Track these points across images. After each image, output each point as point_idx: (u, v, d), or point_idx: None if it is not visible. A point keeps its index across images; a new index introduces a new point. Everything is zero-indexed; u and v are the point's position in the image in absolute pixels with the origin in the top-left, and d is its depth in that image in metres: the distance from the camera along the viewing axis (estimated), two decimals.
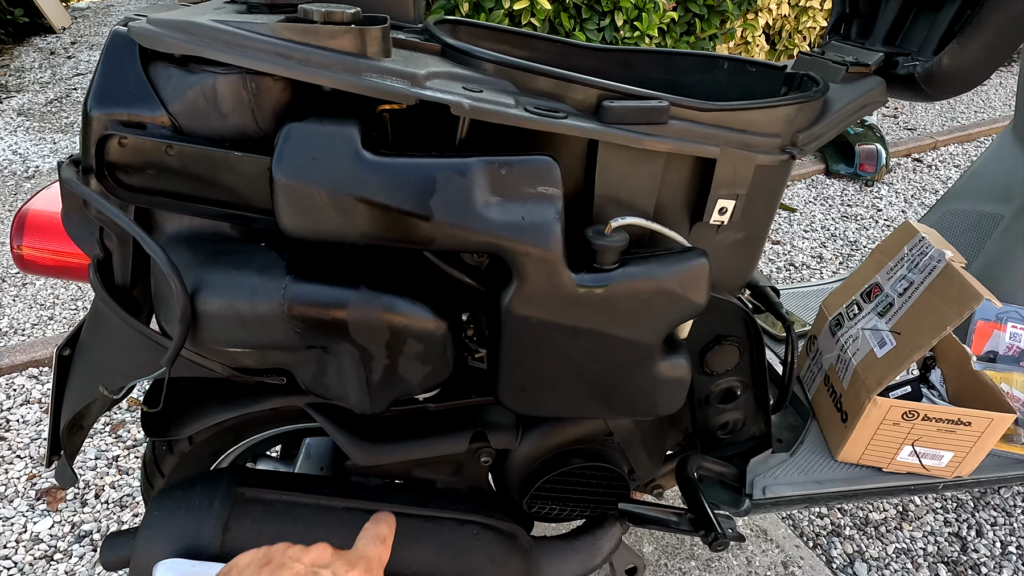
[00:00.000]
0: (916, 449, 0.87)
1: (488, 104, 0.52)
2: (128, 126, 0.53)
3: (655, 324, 0.61)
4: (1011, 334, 1.02)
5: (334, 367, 0.61)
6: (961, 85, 0.72)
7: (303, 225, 0.52)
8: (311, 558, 0.43)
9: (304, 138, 0.51)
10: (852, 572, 1.26)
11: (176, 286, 0.53)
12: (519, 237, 0.53)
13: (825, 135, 0.69)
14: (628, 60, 0.87)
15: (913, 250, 0.87)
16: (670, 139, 0.57)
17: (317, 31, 0.50)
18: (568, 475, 0.85)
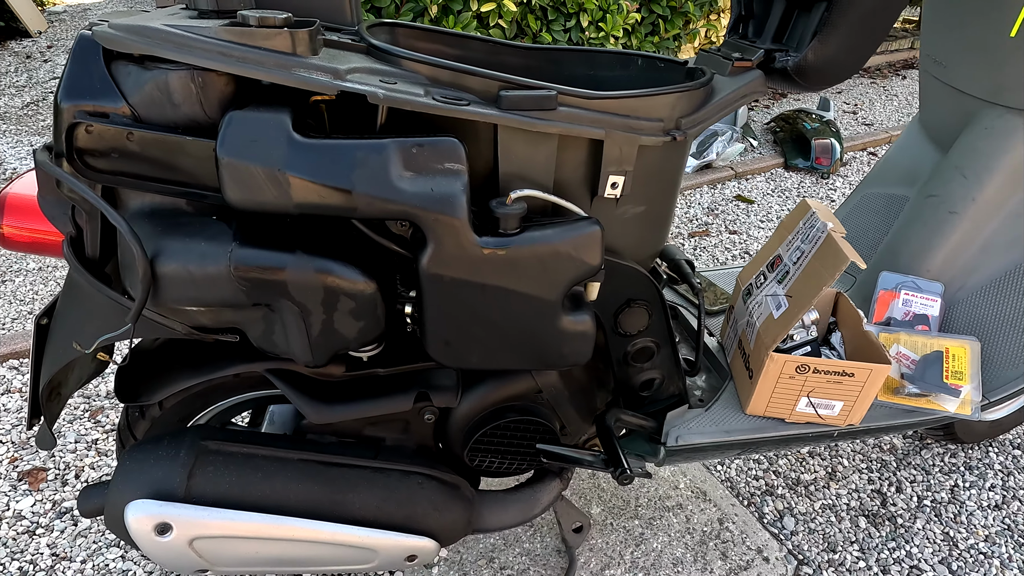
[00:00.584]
0: (811, 400, 0.98)
1: (400, 94, 0.62)
2: (93, 115, 0.62)
3: (554, 282, 0.71)
4: (903, 300, 1.14)
5: (279, 324, 0.71)
6: (828, 78, 0.83)
7: (245, 198, 0.62)
8: None
9: (244, 124, 0.60)
10: (781, 526, 1.37)
11: (137, 252, 0.62)
12: (429, 206, 0.63)
13: (708, 120, 0.80)
14: (555, 58, 0.97)
15: (805, 224, 0.99)
16: (559, 123, 0.67)
17: (253, 33, 0.60)
18: (503, 428, 0.96)
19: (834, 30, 0.78)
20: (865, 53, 0.81)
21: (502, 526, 1.01)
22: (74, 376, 0.91)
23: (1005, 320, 1.09)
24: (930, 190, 1.18)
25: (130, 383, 0.90)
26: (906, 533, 1.36)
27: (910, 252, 1.19)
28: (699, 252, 2.50)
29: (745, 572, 1.27)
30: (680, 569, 1.28)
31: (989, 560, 1.31)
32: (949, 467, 1.53)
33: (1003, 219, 1.10)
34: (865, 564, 1.30)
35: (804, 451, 1.57)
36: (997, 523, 1.39)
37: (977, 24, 1.03)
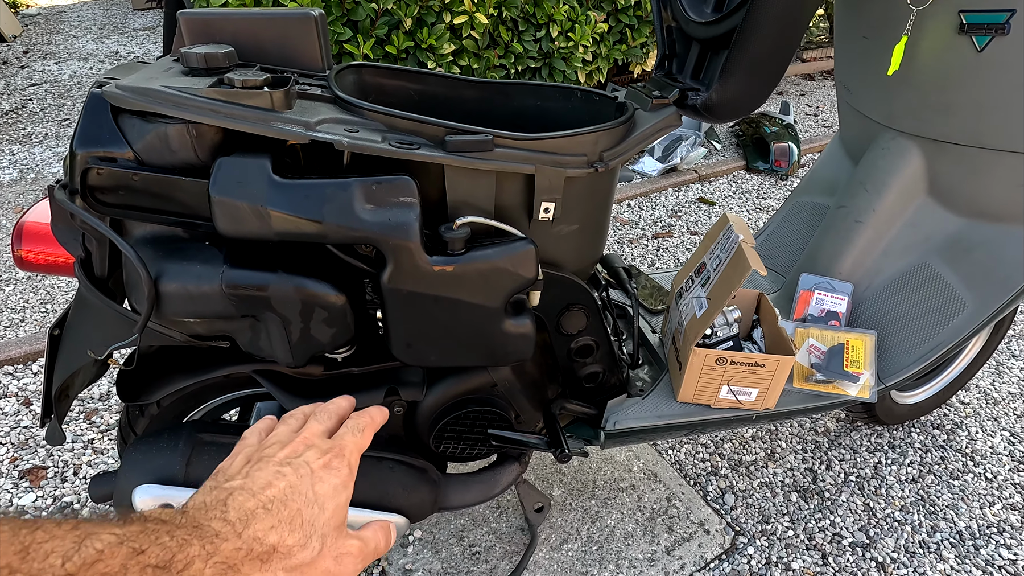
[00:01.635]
0: (731, 388, 1.14)
1: (361, 141, 0.75)
2: (103, 160, 0.75)
3: (496, 292, 0.85)
4: (817, 299, 1.29)
5: (264, 332, 0.83)
6: (731, 114, 0.98)
7: (233, 229, 0.74)
8: (286, 452, 0.43)
9: (231, 168, 0.73)
10: (723, 502, 1.53)
11: (143, 274, 0.75)
12: (387, 233, 0.76)
13: (629, 152, 0.94)
14: (507, 91, 1.10)
15: (724, 235, 1.14)
16: (496, 161, 0.81)
17: (238, 93, 0.73)
18: (463, 418, 1.09)
19: (731, 75, 0.92)
20: (760, 95, 0.96)
21: (465, 504, 1.15)
22: (79, 379, 1.03)
23: (901, 315, 1.25)
24: (841, 201, 1.34)
25: (130, 384, 1.02)
26: (831, 505, 1.53)
27: (825, 256, 1.35)
28: (662, 253, 2.66)
29: (688, 543, 1.43)
30: (631, 542, 1.43)
31: (902, 527, 1.48)
32: (875, 446, 1.70)
33: (900, 227, 1.26)
34: (794, 533, 1.46)
35: (747, 435, 1.73)
36: (912, 495, 1.56)
37: (867, 61, 1.19)
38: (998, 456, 1.67)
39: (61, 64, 4.65)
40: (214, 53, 0.78)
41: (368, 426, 0.48)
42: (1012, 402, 1.84)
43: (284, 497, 0.39)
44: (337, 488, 0.42)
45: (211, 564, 0.33)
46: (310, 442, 0.45)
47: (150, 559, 0.30)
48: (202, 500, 0.38)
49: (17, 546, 0.28)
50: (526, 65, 3.27)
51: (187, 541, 0.33)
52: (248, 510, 0.37)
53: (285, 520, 0.38)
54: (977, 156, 1.11)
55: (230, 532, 0.35)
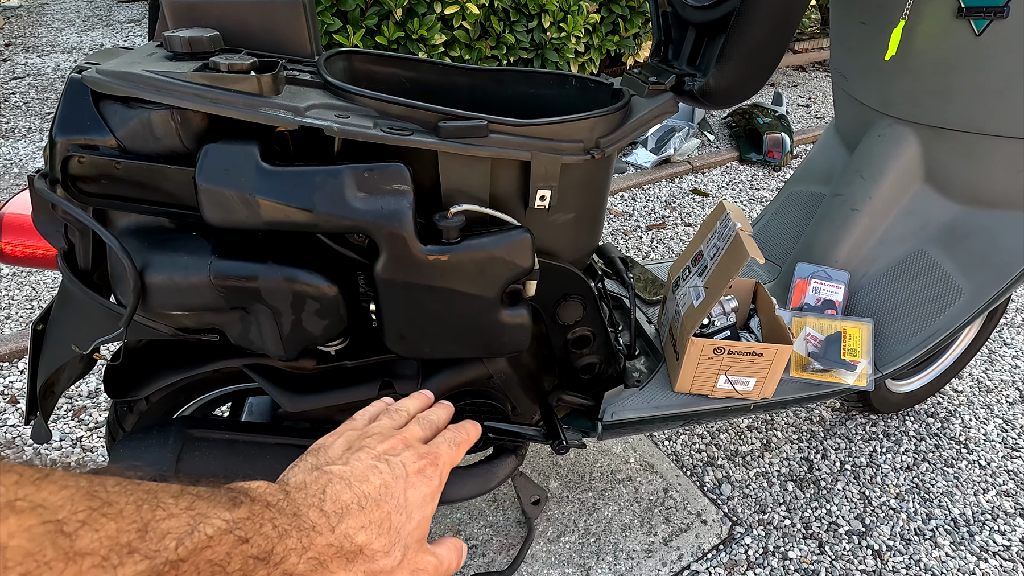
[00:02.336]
0: (729, 377, 1.13)
1: (352, 127, 0.73)
2: (84, 148, 0.72)
3: (492, 282, 0.83)
4: (813, 288, 1.29)
5: (254, 324, 0.81)
6: (728, 100, 0.96)
7: (221, 218, 0.72)
8: (386, 447, 0.42)
9: (218, 155, 0.71)
10: (719, 492, 1.53)
11: (128, 266, 0.73)
12: (380, 221, 0.74)
13: (626, 138, 0.92)
14: (500, 78, 1.08)
15: (720, 223, 1.13)
16: (490, 147, 0.79)
17: (224, 78, 0.70)
18: (459, 411, 1.08)
19: (728, 61, 0.91)
20: (757, 81, 0.94)
21: (461, 498, 1.13)
22: (65, 376, 1.01)
23: (897, 303, 1.25)
24: (837, 189, 1.34)
25: (118, 380, 1.00)
26: (827, 494, 1.53)
27: (822, 245, 1.34)
28: (656, 244, 2.65)
29: (685, 534, 1.42)
30: (628, 534, 1.42)
31: (898, 514, 1.48)
32: (870, 435, 1.70)
33: (896, 215, 1.26)
34: (790, 522, 1.46)
35: (743, 425, 1.73)
36: (907, 482, 1.57)
37: (863, 47, 1.17)
38: (991, 443, 1.68)
39: (44, 57, 4.56)
40: (199, 37, 0.76)
41: (464, 442, 0.47)
42: (1004, 390, 1.85)
43: (378, 496, 0.39)
44: (426, 498, 0.41)
45: (304, 559, 0.33)
46: (409, 443, 0.44)
47: (252, 550, 0.31)
48: (303, 480, 0.38)
49: (139, 523, 0.27)
50: (518, 56, 3.24)
51: (286, 532, 0.33)
52: (344, 503, 0.37)
53: (375, 522, 0.38)
54: (975, 142, 1.10)
55: (325, 526, 0.35)
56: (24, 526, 0.24)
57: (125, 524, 0.27)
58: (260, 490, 0.35)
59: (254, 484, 0.35)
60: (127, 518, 0.27)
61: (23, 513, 0.24)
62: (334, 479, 0.38)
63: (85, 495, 0.26)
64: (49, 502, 0.25)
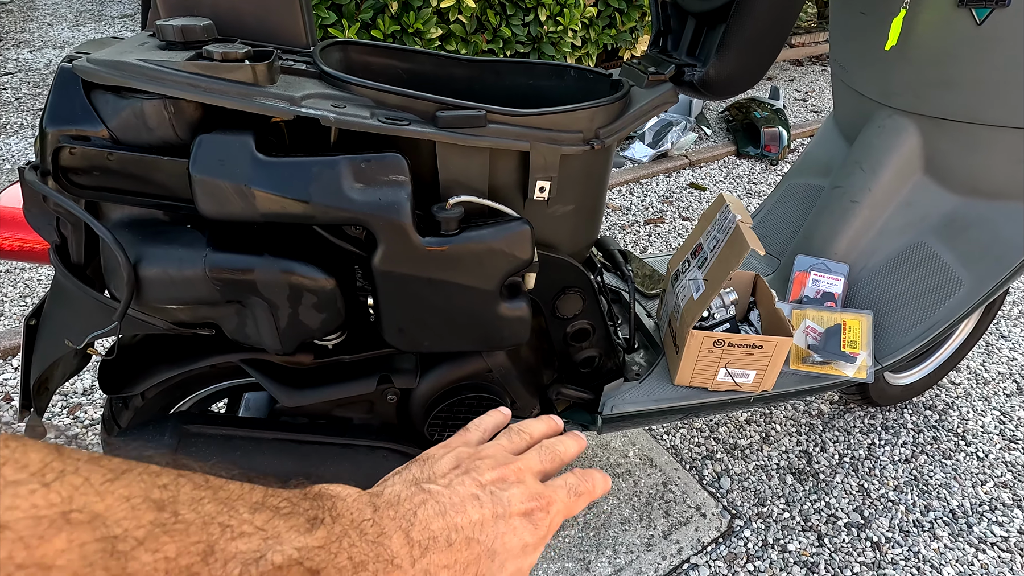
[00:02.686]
0: (729, 370, 1.12)
1: (349, 117, 0.72)
2: (76, 139, 0.71)
3: (491, 274, 0.82)
4: (813, 280, 1.28)
5: (250, 318, 0.80)
6: (728, 90, 0.95)
7: (216, 210, 0.71)
8: (495, 476, 0.37)
9: (212, 145, 0.70)
10: (719, 485, 1.53)
11: (122, 259, 0.71)
12: (378, 213, 0.73)
13: (626, 128, 0.91)
14: (498, 69, 1.07)
15: (720, 215, 1.12)
16: (489, 138, 0.78)
17: (218, 67, 0.69)
18: (458, 405, 1.07)
19: (728, 50, 0.90)
20: (758, 71, 0.93)
21: None
22: (59, 372, 0.99)
23: (897, 295, 1.25)
24: (836, 181, 1.33)
25: (114, 376, 0.99)
26: (826, 487, 1.53)
27: (821, 237, 1.34)
28: (654, 239, 2.64)
29: (684, 527, 1.42)
30: (627, 527, 1.42)
31: (896, 507, 1.48)
32: (868, 428, 1.70)
33: (895, 207, 1.25)
34: (789, 515, 1.46)
35: (742, 419, 1.73)
36: (905, 475, 1.57)
37: (863, 37, 1.17)
38: (989, 435, 1.68)
39: (36, 52, 4.52)
40: (192, 26, 0.74)
41: (586, 494, 0.40)
42: (1002, 382, 1.85)
43: (471, 534, 0.34)
44: (526, 548, 0.36)
45: None
46: (522, 477, 0.38)
47: None
48: (398, 494, 0.34)
49: (204, 543, 0.25)
50: (515, 50, 3.23)
51: (363, 564, 0.30)
52: (432, 533, 0.33)
53: (461, 564, 0.33)
54: (975, 133, 1.10)
55: (406, 558, 0.32)
56: (76, 542, 0.22)
57: (189, 544, 0.25)
58: (348, 503, 0.32)
59: (344, 493, 0.32)
60: (192, 536, 0.25)
61: (78, 527, 0.22)
62: (429, 500, 0.34)
63: (151, 507, 0.24)
64: (110, 513, 0.23)
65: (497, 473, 0.38)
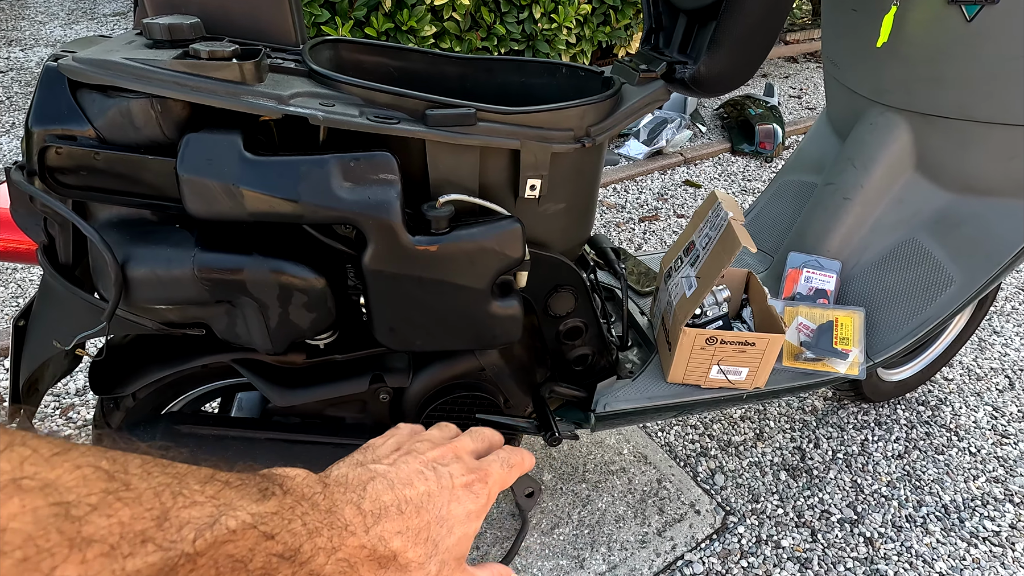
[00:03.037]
0: (721, 367, 1.13)
1: (337, 115, 0.72)
2: (62, 139, 0.70)
3: (482, 273, 0.82)
4: (806, 277, 1.29)
5: (240, 318, 0.80)
6: (719, 87, 0.95)
7: (203, 209, 0.71)
8: (436, 455, 0.40)
9: (200, 144, 0.69)
10: (713, 482, 1.53)
11: (109, 259, 0.71)
12: (367, 212, 0.73)
13: (617, 126, 0.91)
14: (490, 67, 1.07)
15: (712, 212, 1.12)
16: (479, 136, 0.78)
17: (204, 65, 0.69)
18: (451, 403, 1.07)
19: (719, 47, 0.90)
20: (749, 68, 0.93)
21: None
22: (49, 372, 0.99)
23: (889, 292, 1.25)
24: (829, 178, 1.33)
25: (104, 377, 0.98)
26: (820, 482, 1.54)
27: (814, 234, 1.34)
28: (648, 236, 2.64)
29: (679, 524, 1.43)
30: (622, 525, 1.42)
31: (889, 502, 1.49)
32: (861, 424, 1.71)
33: (888, 204, 1.25)
34: (783, 511, 1.47)
35: (736, 415, 1.74)
36: (898, 470, 1.58)
37: (855, 35, 1.17)
38: (981, 431, 1.69)
39: (28, 51, 4.48)
40: (179, 24, 0.74)
41: (517, 465, 0.44)
42: (994, 377, 1.86)
43: (420, 503, 0.36)
44: (470, 515, 0.39)
45: (333, 560, 0.31)
46: (459, 454, 0.41)
47: (277, 547, 0.29)
48: (345, 474, 0.36)
49: (158, 510, 0.25)
50: (509, 47, 3.22)
51: (317, 530, 0.31)
52: (383, 504, 0.35)
53: (413, 530, 0.35)
54: (966, 129, 1.10)
55: (359, 525, 0.33)
56: (29, 507, 0.22)
57: (142, 510, 0.25)
58: (296, 480, 0.33)
59: (292, 472, 0.34)
60: (145, 504, 0.25)
61: (29, 492, 0.22)
62: (377, 477, 0.36)
63: (102, 476, 0.25)
64: (60, 482, 0.23)
65: (437, 452, 0.41)
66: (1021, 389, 1.82)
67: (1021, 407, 1.76)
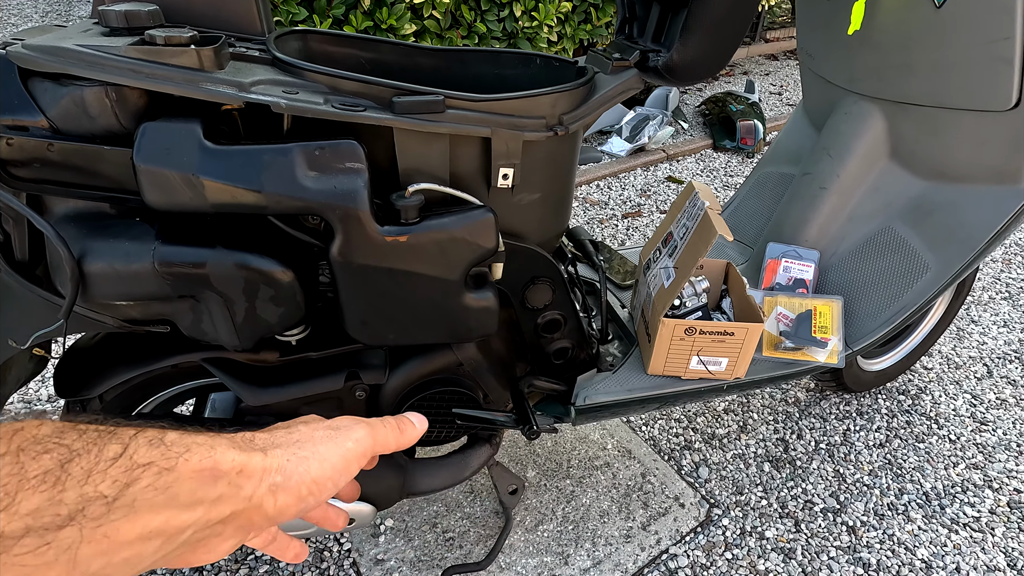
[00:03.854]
0: (701, 358, 1.12)
1: (301, 103, 0.70)
2: (13, 129, 0.68)
3: (454, 264, 0.81)
4: (784, 267, 1.29)
5: (205, 313, 0.78)
6: (693, 76, 0.95)
7: (162, 201, 0.69)
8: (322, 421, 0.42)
9: (157, 134, 0.67)
10: (697, 475, 1.53)
11: (64, 254, 0.68)
12: (334, 201, 0.71)
13: (589, 114, 0.90)
14: (463, 58, 1.05)
15: (690, 203, 1.11)
16: (448, 123, 0.76)
17: (161, 52, 0.66)
18: (429, 399, 1.05)
19: (691, 35, 0.89)
20: (722, 55, 0.93)
21: (434, 489, 1.11)
22: (12, 376, 0.96)
23: (866, 280, 1.25)
24: (806, 168, 1.34)
25: (69, 379, 0.95)
26: (803, 473, 1.54)
27: (792, 224, 1.34)
28: (632, 232, 2.65)
29: (663, 518, 1.42)
30: (606, 520, 1.41)
31: (871, 491, 1.50)
32: (843, 414, 1.72)
33: (863, 193, 1.26)
34: (767, 502, 1.47)
35: (720, 408, 1.74)
36: (880, 459, 1.58)
37: (828, 24, 1.17)
38: (960, 418, 1.71)
39: None
40: (136, 11, 0.72)
41: (408, 432, 0.45)
42: (972, 366, 1.88)
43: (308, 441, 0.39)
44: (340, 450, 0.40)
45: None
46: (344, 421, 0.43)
47: None
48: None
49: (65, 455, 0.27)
50: (490, 45, 3.21)
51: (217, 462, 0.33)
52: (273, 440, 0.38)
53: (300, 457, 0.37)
54: (937, 116, 1.11)
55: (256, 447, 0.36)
56: None
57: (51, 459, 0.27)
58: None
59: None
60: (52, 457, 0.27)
61: None
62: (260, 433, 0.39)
63: None
64: None
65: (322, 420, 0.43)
66: (999, 377, 1.84)
67: (999, 395, 1.78)
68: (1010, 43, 0.96)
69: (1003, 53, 0.98)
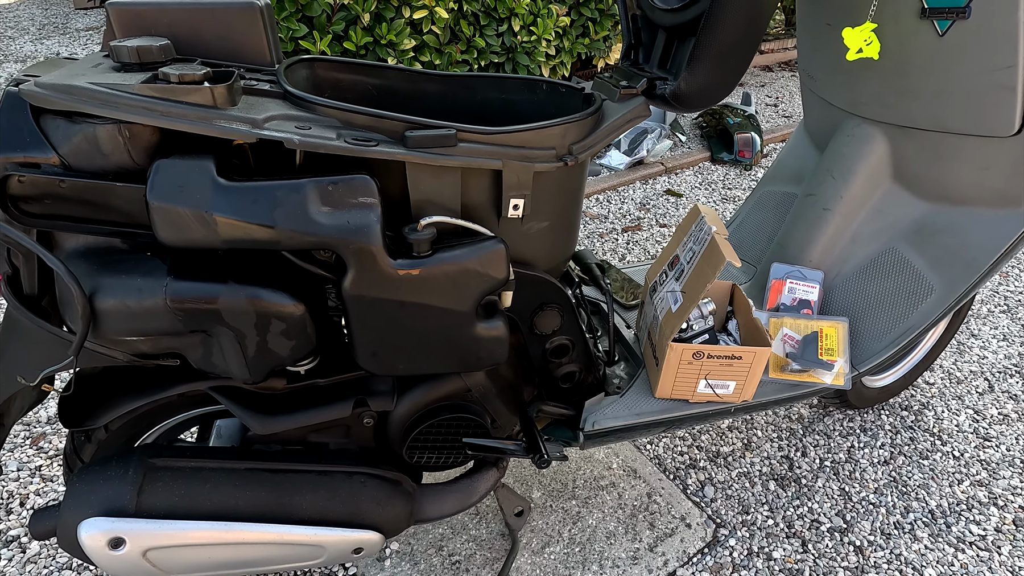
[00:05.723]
0: (709, 381, 1.12)
1: (314, 138, 0.70)
2: (25, 167, 0.67)
3: (466, 295, 0.81)
4: (789, 288, 1.29)
5: (216, 347, 0.77)
6: (700, 103, 0.95)
7: (175, 237, 0.68)
8: None
9: (171, 171, 0.67)
10: (703, 494, 1.53)
11: (75, 290, 0.68)
12: (346, 236, 0.71)
13: (599, 144, 0.91)
14: (469, 84, 1.06)
15: (696, 227, 1.12)
16: (460, 157, 0.77)
17: (174, 89, 0.66)
18: (437, 426, 1.05)
19: (700, 64, 0.90)
20: (728, 83, 0.94)
21: (442, 515, 1.10)
22: (16, 406, 0.95)
23: (871, 301, 1.26)
24: (809, 189, 1.34)
25: (74, 409, 0.94)
26: (808, 491, 1.54)
27: (795, 245, 1.35)
28: (631, 246, 2.65)
29: (670, 539, 1.41)
30: (613, 541, 1.40)
31: (877, 509, 1.50)
32: (847, 431, 1.72)
33: (867, 214, 1.27)
34: (773, 521, 1.46)
35: (724, 426, 1.73)
36: (885, 476, 1.58)
37: (829, 48, 1.18)
38: (964, 434, 1.71)
39: None
40: (148, 46, 0.72)
41: None
42: (974, 380, 1.89)
43: None
44: None
45: None
46: None
47: None
48: None
49: None
50: (489, 60, 3.23)
51: None
52: None
53: None
54: (940, 141, 1.12)
55: None
56: None
57: None
58: None
59: None
60: None
61: None
62: None
63: None
64: None
65: None
66: (1000, 392, 1.85)
67: (1001, 410, 1.79)
68: (1012, 71, 0.97)
69: (1005, 81, 0.99)
